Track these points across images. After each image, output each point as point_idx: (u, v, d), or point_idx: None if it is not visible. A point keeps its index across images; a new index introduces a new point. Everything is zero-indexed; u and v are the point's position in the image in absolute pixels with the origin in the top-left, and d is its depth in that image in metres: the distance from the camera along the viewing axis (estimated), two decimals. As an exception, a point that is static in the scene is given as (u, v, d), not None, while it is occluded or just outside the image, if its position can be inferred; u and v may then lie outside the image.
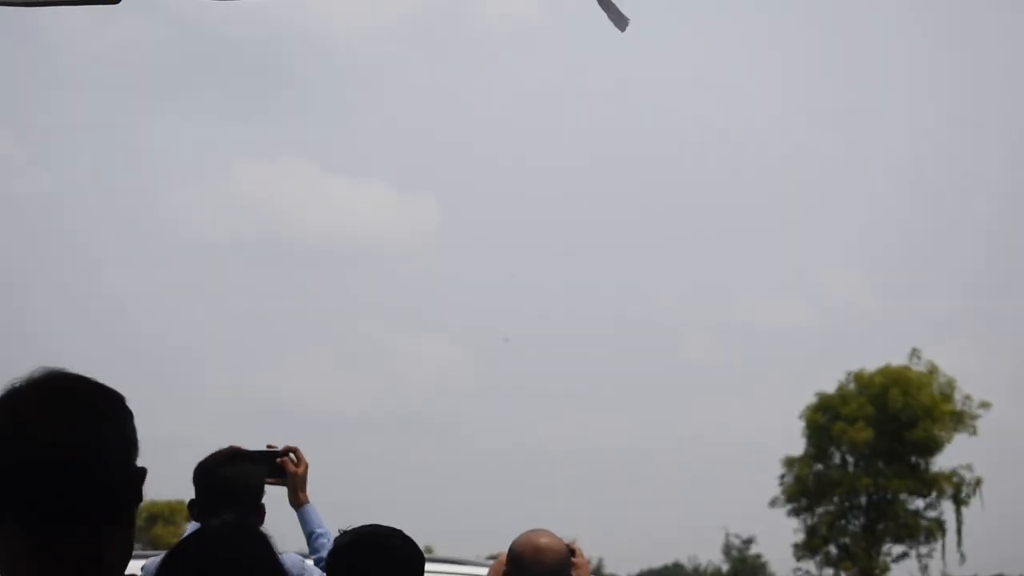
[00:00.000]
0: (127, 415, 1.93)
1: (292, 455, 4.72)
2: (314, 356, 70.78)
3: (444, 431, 69.98)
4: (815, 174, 67.64)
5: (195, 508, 4.41)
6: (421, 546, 3.81)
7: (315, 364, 69.71)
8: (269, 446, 4.70)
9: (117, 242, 70.74)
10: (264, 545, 2.97)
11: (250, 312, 70.42)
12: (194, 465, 4.41)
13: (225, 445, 4.50)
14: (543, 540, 4.27)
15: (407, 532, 3.79)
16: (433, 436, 70.17)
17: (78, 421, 1.86)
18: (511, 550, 4.28)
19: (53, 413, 1.85)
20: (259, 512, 4.46)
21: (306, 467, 4.70)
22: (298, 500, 4.67)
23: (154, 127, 74.78)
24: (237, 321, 70.58)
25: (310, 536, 4.67)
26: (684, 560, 66.14)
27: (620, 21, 3.04)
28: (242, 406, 67.68)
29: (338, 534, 3.92)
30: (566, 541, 4.37)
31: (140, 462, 1.93)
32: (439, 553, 6.14)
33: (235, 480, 4.38)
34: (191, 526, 4.45)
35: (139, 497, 1.92)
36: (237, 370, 70.09)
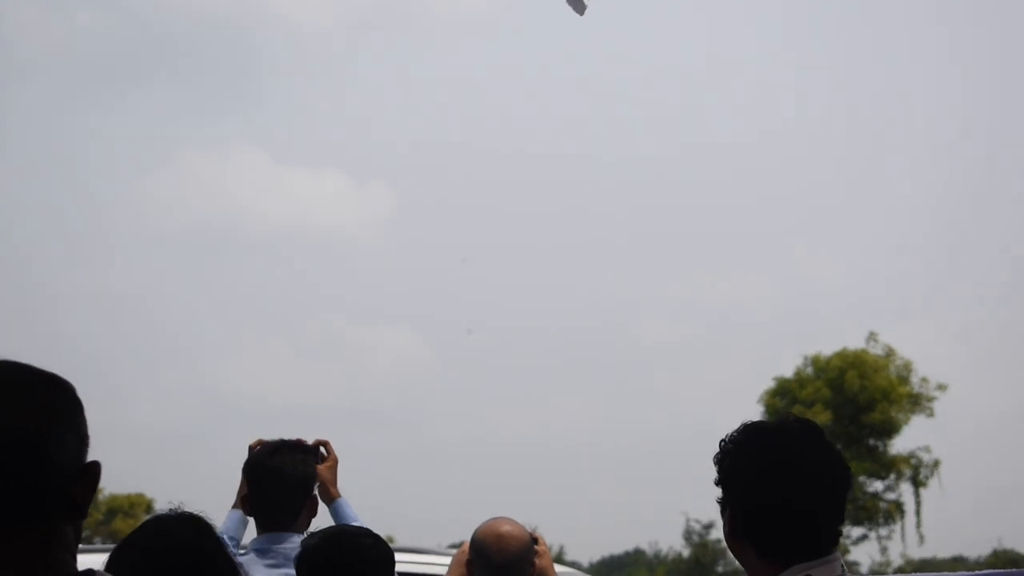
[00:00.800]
0: (76, 405, 1.88)
1: (323, 448, 4.58)
2: (272, 347, 70.60)
3: (404, 421, 69.97)
4: (775, 157, 67.91)
5: (248, 503, 4.32)
6: (383, 535, 3.78)
7: (273, 355, 69.51)
8: (299, 440, 4.53)
9: (69, 235, 70.27)
10: (209, 535, 2.96)
11: (207, 303, 70.18)
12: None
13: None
14: (505, 528, 4.26)
15: (369, 522, 3.74)
16: (393, 426, 70.16)
17: (25, 410, 1.80)
18: (474, 538, 4.27)
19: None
20: (312, 502, 4.38)
21: (336, 461, 4.57)
22: (330, 495, 4.54)
23: (106, 118, 74.26)
24: (194, 313, 70.31)
25: None
26: (645, 546, 66.38)
27: (578, 6, 3.02)
28: (201, 398, 67.46)
29: (305, 536, 3.85)
30: (528, 529, 4.37)
31: (100, 455, 1.88)
32: (401, 542, 6.12)
33: (289, 470, 4.30)
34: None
35: (89, 490, 1.85)
36: (195, 362, 69.83)
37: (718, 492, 2.75)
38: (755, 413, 43.50)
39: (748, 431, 2.70)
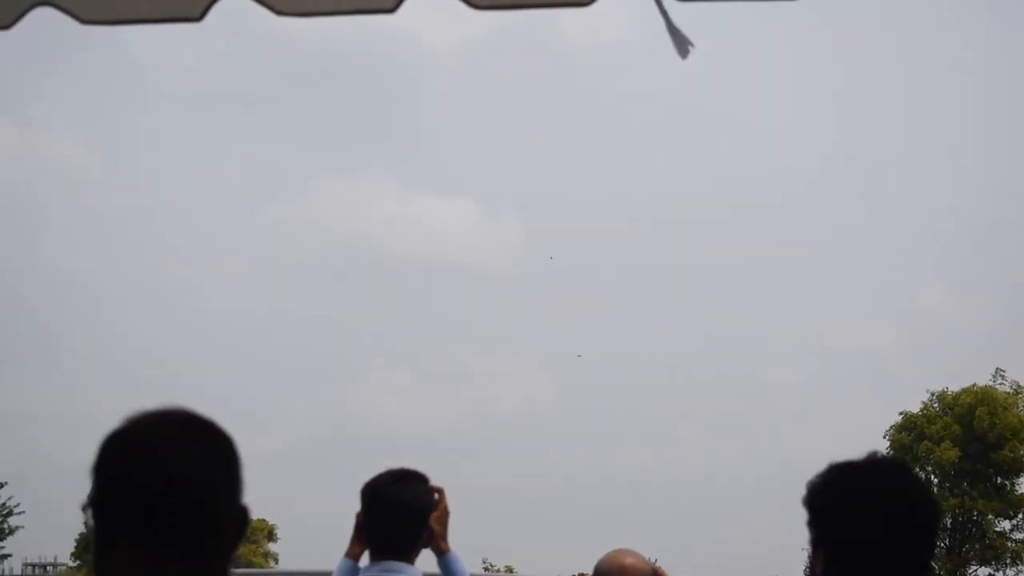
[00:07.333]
0: (233, 456, 2.07)
1: (436, 495, 4.42)
2: (399, 376, 71.09)
3: (527, 452, 69.95)
4: (897, 195, 67.10)
5: (365, 528, 4.29)
6: (502, 565, 3.74)
7: (399, 384, 70.00)
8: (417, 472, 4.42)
9: (204, 260, 71.51)
10: None
11: (335, 331, 70.88)
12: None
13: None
14: (628, 560, 4.23)
15: (489, 553, 3.71)
16: (516, 457, 70.18)
17: (186, 458, 1.99)
18: (596, 570, 4.25)
19: (164, 449, 1.99)
20: (430, 533, 4.35)
21: (447, 512, 4.43)
22: (439, 548, 4.43)
23: (239, 144, 75.51)
24: (322, 341, 71.07)
25: None
26: (766, 581, 65.60)
27: (682, 48, 2.99)
28: (326, 424, 68.07)
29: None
30: (650, 562, 4.34)
31: None
32: (521, 572, 6.11)
33: (411, 499, 4.29)
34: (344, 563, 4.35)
35: (237, 535, 2.04)
36: (321, 389, 70.57)
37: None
38: (881, 449, 42.82)
39: (837, 470, 2.73)
